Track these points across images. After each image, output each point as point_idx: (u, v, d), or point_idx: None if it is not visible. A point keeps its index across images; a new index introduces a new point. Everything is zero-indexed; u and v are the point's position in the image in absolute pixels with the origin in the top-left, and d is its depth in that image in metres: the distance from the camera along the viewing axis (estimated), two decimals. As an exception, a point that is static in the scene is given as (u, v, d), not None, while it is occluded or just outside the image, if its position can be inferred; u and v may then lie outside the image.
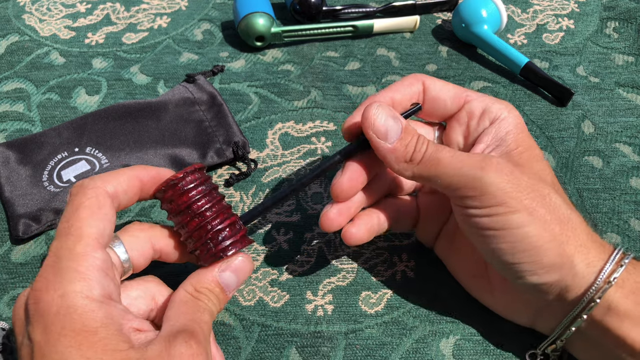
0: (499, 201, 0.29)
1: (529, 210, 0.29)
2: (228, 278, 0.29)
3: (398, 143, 0.30)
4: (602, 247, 0.30)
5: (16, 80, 0.50)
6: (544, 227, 0.29)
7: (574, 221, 0.30)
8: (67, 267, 0.25)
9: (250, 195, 0.42)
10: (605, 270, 0.29)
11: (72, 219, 0.26)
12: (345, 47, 0.54)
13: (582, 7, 0.58)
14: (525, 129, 0.33)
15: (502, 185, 0.29)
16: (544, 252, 0.29)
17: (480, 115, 0.33)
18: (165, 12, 0.57)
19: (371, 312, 0.36)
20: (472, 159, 0.30)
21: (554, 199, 0.30)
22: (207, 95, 0.47)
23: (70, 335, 0.24)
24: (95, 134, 0.44)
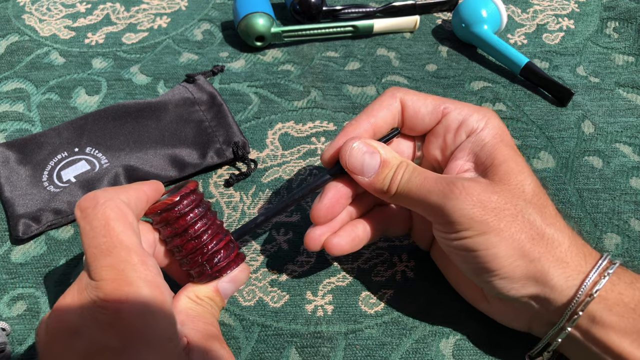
0: (466, 226, 0.29)
1: (496, 231, 0.29)
2: (227, 287, 0.31)
3: (375, 177, 0.31)
4: (584, 259, 0.30)
5: (16, 80, 0.50)
6: (513, 246, 0.29)
7: (550, 235, 0.29)
8: (136, 277, 0.25)
9: (250, 195, 0.42)
10: (587, 284, 0.29)
11: (109, 234, 0.26)
12: (345, 47, 0.54)
13: (582, 7, 0.58)
14: (505, 138, 0.32)
15: (465, 212, 0.29)
16: (515, 269, 0.29)
17: (456, 128, 0.33)
18: (165, 12, 0.57)
19: (371, 312, 0.36)
20: (438, 186, 0.30)
21: (527, 215, 0.29)
22: (207, 96, 0.47)
23: (147, 342, 0.25)
24: (95, 134, 0.44)
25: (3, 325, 0.34)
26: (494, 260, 0.29)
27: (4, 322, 0.34)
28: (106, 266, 0.25)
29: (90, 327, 0.25)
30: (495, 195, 0.29)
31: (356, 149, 0.32)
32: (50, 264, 0.38)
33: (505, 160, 0.31)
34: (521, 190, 0.30)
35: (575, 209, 0.41)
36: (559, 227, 0.30)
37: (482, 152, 0.31)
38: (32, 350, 0.34)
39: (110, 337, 0.24)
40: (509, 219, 0.29)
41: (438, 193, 0.30)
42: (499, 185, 0.30)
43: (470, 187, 0.29)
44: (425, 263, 0.38)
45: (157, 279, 0.26)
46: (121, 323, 0.24)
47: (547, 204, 0.31)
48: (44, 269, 0.38)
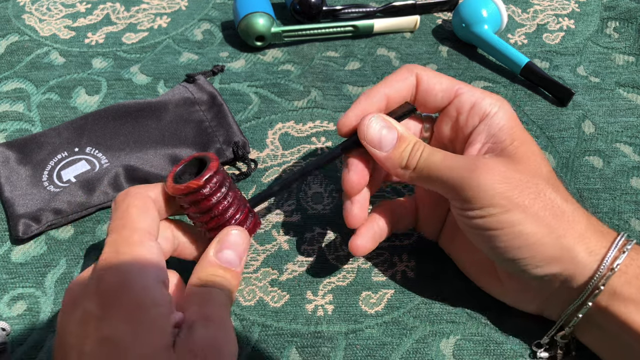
0: (491, 202, 0.29)
1: (522, 208, 0.29)
2: (227, 256, 0.30)
3: (393, 151, 0.32)
4: (603, 235, 0.30)
5: (16, 80, 0.50)
6: (539, 223, 0.29)
7: (570, 213, 0.30)
8: (126, 252, 0.27)
9: (250, 195, 0.42)
10: (608, 258, 0.29)
11: (125, 217, 0.29)
12: (345, 47, 0.54)
13: (582, 7, 0.58)
14: (518, 122, 0.33)
15: (492, 186, 0.29)
16: (542, 247, 0.29)
17: (469, 110, 0.33)
18: (165, 12, 0.57)
19: (371, 312, 0.36)
20: (463, 161, 0.30)
21: (548, 193, 0.30)
22: (207, 95, 0.47)
23: (125, 309, 0.25)
24: (95, 134, 0.44)
25: (3, 325, 0.34)
26: (520, 238, 0.29)
27: (4, 322, 0.34)
28: (109, 243, 0.28)
29: (84, 297, 0.27)
30: (518, 173, 0.30)
31: (374, 122, 0.32)
32: (50, 264, 0.38)
33: (524, 142, 0.32)
34: (540, 170, 0.31)
35: (575, 209, 0.41)
36: (576, 206, 0.31)
37: (500, 133, 0.32)
38: (32, 350, 0.34)
39: (94, 304, 0.26)
40: (533, 196, 0.29)
41: (462, 168, 0.30)
42: (520, 164, 0.31)
43: (495, 163, 0.30)
44: (425, 263, 0.38)
45: (148, 255, 0.27)
46: (101, 290, 0.26)
47: (561, 185, 0.32)
48: (44, 269, 0.38)
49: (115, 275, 0.26)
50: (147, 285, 0.26)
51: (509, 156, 0.31)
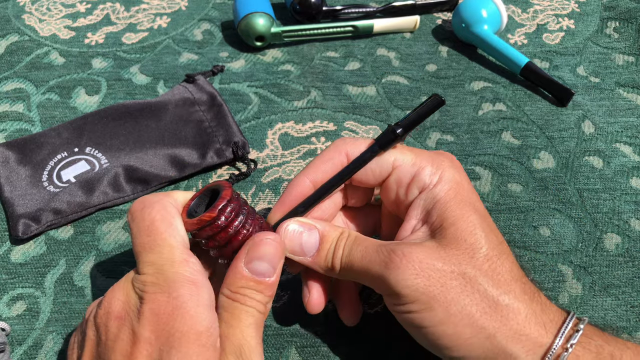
0: (410, 299, 0.27)
1: (444, 306, 0.27)
2: (258, 267, 0.28)
3: (316, 255, 0.30)
4: (544, 328, 0.27)
5: (16, 80, 0.50)
6: (465, 322, 0.27)
7: (506, 304, 0.27)
8: (174, 272, 0.26)
9: (250, 195, 0.42)
10: (549, 357, 0.26)
11: (153, 233, 0.27)
12: (345, 47, 0.54)
13: (582, 7, 0.58)
14: (459, 193, 0.29)
15: (408, 282, 0.27)
16: (471, 347, 0.27)
17: (408, 183, 0.30)
18: (165, 12, 0.57)
19: (371, 312, 0.36)
20: (380, 255, 0.28)
21: (478, 284, 0.27)
22: (207, 96, 0.47)
23: (177, 336, 0.25)
24: (95, 134, 0.44)
25: (3, 325, 0.34)
26: (445, 337, 0.27)
27: (3, 322, 0.34)
28: (149, 262, 0.27)
29: (132, 317, 0.26)
30: (440, 261, 0.27)
31: (291, 230, 0.30)
32: (50, 264, 0.38)
33: (455, 222, 0.28)
34: (471, 255, 0.28)
35: (575, 209, 0.41)
36: (516, 293, 0.27)
37: (433, 211, 0.29)
38: (31, 350, 0.34)
39: (146, 328, 0.25)
40: (457, 289, 0.27)
41: (379, 263, 0.28)
42: (447, 250, 0.28)
43: (412, 253, 0.27)
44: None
45: (195, 276, 0.27)
46: (156, 316, 0.25)
47: (503, 267, 0.28)
48: (44, 269, 0.38)
49: (169, 299, 0.25)
50: (199, 311, 0.26)
51: (439, 237, 0.28)
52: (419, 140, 0.46)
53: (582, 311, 0.36)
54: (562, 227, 0.40)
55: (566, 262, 0.38)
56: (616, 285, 0.37)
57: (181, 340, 0.25)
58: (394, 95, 0.50)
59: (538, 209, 0.41)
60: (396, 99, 0.49)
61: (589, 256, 0.39)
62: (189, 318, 0.25)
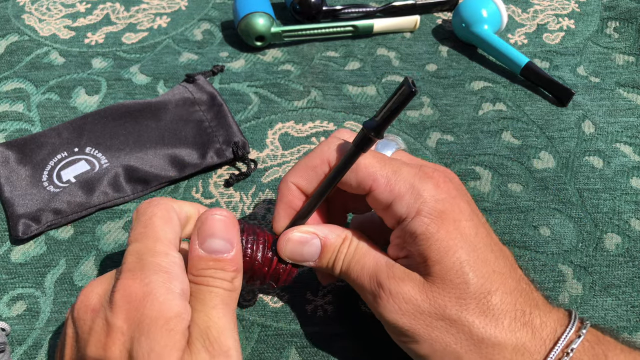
0: (396, 331, 0.28)
1: (428, 342, 0.27)
2: (212, 245, 0.28)
3: (318, 261, 0.31)
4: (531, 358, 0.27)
5: (16, 80, 0.50)
6: (449, 358, 0.27)
7: (490, 342, 0.27)
8: (151, 261, 0.27)
9: (250, 195, 0.42)
10: None
11: (148, 226, 0.28)
12: (345, 47, 0.54)
13: (582, 7, 0.58)
14: (440, 227, 0.27)
15: (394, 321, 0.28)
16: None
17: (385, 208, 0.29)
18: (165, 12, 0.57)
19: (371, 312, 0.36)
20: (371, 284, 0.29)
21: (462, 324, 0.27)
22: (207, 95, 0.47)
23: (147, 321, 0.25)
24: (95, 134, 0.44)
25: (3, 325, 0.34)
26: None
27: (3, 322, 0.34)
28: (132, 251, 0.27)
29: (106, 307, 0.26)
30: (426, 301, 0.27)
31: (292, 242, 0.30)
32: (50, 264, 0.38)
33: (439, 260, 0.27)
34: (458, 295, 0.27)
35: (575, 209, 0.41)
36: (504, 326, 0.27)
37: (413, 247, 0.28)
38: (31, 350, 0.34)
39: (118, 317, 0.25)
40: (442, 330, 0.27)
41: (370, 292, 0.29)
42: (433, 288, 0.27)
43: (399, 293, 0.28)
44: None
45: (170, 267, 0.27)
46: (127, 303, 0.25)
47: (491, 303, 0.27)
48: (44, 269, 0.38)
49: (140, 285, 0.26)
50: (169, 297, 0.26)
51: (425, 274, 0.28)
52: (419, 140, 0.46)
53: (582, 311, 0.36)
54: (562, 227, 0.40)
55: (566, 262, 0.38)
56: (616, 285, 0.37)
57: (150, 326, 0.25)
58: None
59: (538, 209, 0.41)
60: (396, 99, 0.49)
61: (589, 256, 0.39)
62: (158, 304, 0.25)
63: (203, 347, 0.26)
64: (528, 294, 0.29)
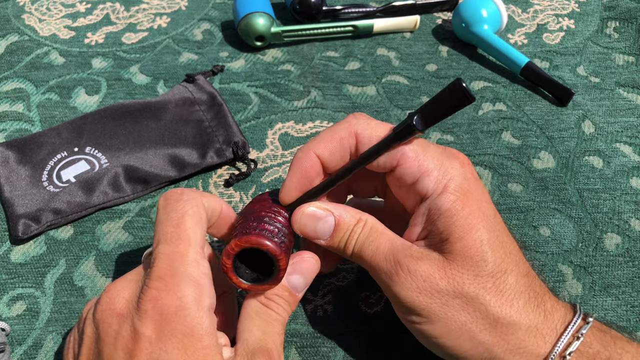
0: (411, 311, 0.28)
1: (444, 322, 0.27)
2: (296, 281, 0.29)
3: (330, 240, 0.30)
4: (543, 340, 0.27)
5: (16, 80, 0.50)
6: (464, 338, 0.27)
7: (507, 320, 0.27)
8: (183, 272, 0.26)
9: (250, 195, 0.42)
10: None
11: (180, 226, 0.27)
12: (345, 47, 0.54)
13: (582, 7, 0.58)
14: (465, 205, 0.28)
15: (411, 299, 0.28)
16: (469, 358, 0.28)
17: (411, 185, 0.29)
18: (165, 12, 0.57)
19: (371, 312, 0.36)
20: (387, 264, 0.28)
21: (480, 300, 0.27)
22: (207, 95, 0.47)
23: (179, 337, 0.25)
24: (95, 134, 0.44)
25: (3, 325, 0.34)
26: (444, 349, 0.28)
27: (3, 322, 0.34)
28: (163, 253, 0.26)
29: (134, 314, 0.26)
30: (444, 279, 0.27)
31: (307, 216, 0.30)
32: (50, 264, 0.38)
33: (462, 237, 0.27)
34: (476, 273, 0.27)
35: (575, 209, 0.41)
36: (518, 307, 0.28)
37: (438, 222, 0.28)
38: (31, 350, 0.34)
39: (148, 326, 0.25)
40: (458, 308, 0.27)
41: (386, 272, 0.28)
42: (452, 265, 0.27)
43: (417, 270, 0.28)
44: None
45: (202, 279, 0.27)
46: (158, 315, 0.25)
47: (507, 283, 0.28)
48: (44, 269, 0.38)
49: (173, 299, 0.25)
50: (200, 314, 0.26)
51: (446, 250, 0.28)
52: (419, 140, 0.46)
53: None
54: (562, 227, 0.40)
55: (566, 262, 0.38)
56: (616, 285, 0.37)
57: (184, 341, 0.25)
58: (394, 95, 0.50)
59: (538, 208, 0.41)
60: (396, 98, 0.49)
61: (589, 256, 0.39)
62: (190, 320, 0.25)
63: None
64: (538, 279, 0.30)
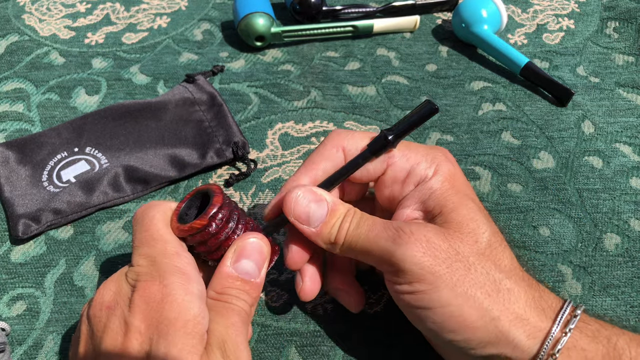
0: (417, 277, 0.27)
1: (450, 286, 0.27)
2: (245, 266, 0.29)
3: (322, 227, 0.29)
4: (544, 312, 0.28)
5: (16, 80, 0.50)
6: (470, 304, 0.27)
7: (507, 289, 0.27)
8: (166, 263, 0.27)
9: (250, 195, 0.42)
10: (549, 342, 0.27)
11: (151, 229, 0.28)
12: (345, 47, 0.54)
13: (582, 7, 0.58)
14: (455, 184, 0.30)
15: (417, 260, 0.27)
16: (475, 330, 0.27)
17: (404, 178, 0.31)
18: (165, 12, 0.57)
19: (371, 311, 0.36)
20: (387, 231, 0.28)
21: (481, 267, 0.27)
22: (207, 96, 0.47)
23: (165, 322, 0.25)
24: (95, 134, 0.44)
25: (3, 325, 0.34)
26: (451, 320, 0.27)
27: (3, 322, 0.34)
28: (143, 254, 0.28)
29: (123, 307, 0.27)
30: (446, 242, 0.27)
31: (302, 197, 0.29)
32: (50, 264, 0.38)
33: (455, 208, 0.29)
34: (474, 239, 0.28)
35: (575, 209, 0.41)
36: (515, 279, 0.28)
37: (430, 200, 0.29)
38: (31, 350, 0.34)
39: (136, 317, 0.26)
40: (462, 271, 0.27)
41: (387, 238, 0.28)
42: (450, 233, 0.28)
43: (420, 231, 0.28)
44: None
45: (186, 268, 0.27)
46: (146, 304, 0.26)
47: (503, 255, 0.29)
48: (44, 269, 0.38)
49: (159, 287, 0.26)
50: (188, 299, 0.26)
51: (440, 223, 0.29)
52: (419, 140, 0.46)
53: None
54: (561, 227, 0.40)
55: (566, 262, 0.38)
56: (616, 285, 0.37)
57: (169, 327, 0.25)
58: (394, 95, 0.50)
59: (538, 209, 0.41)
60: (396, 98, 0.49)
61: (588, 256, 0.39)
62: (177, 306, 0.26)
63: (221, 357, 0.26)
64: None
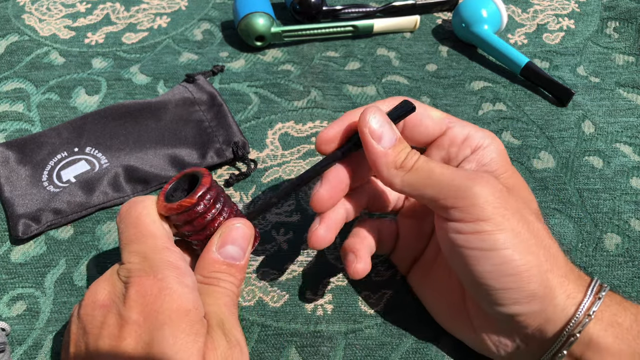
0: (486, 215, 0.27)
1: (515, 231, 0.27)
2: (230, 251, 0.30)
3: (391, 149, 0.29)
4: (579, 279, 0.29)
5: (16, 80, 0.50)
6: (530, 252, 0.27)
7: (555, 250, 0.29)
8: (158, 258, 0.28)
9: (250, 195, 0.42)
10: (585, 303, 0.28)
11: (138, 226, 0.29)
12: (345, 47, 0.54)
13: (582, 7, 0.58)
14: (507, 158, 0.33)
15: (490, 199, 0.28)
16: (529, 279, 0.27)
17: (462, 142, 0.32)
18: (165, 12, 0.57)
19: (371, 312, 0.36)
20: (464, 171, 0.29)
21: (537, 227, 0.29)
22: (207, 95, 0.47)
23: (166, 313, 0.26)
24: (95, 134, 0.44)
25: (3, 325, 0.34)
26: (510, 263, 0.27)
27: (3, 322, 0.34)
28: (134, 251, 0.28)
29: (119, 303, 0.27)
30: (512, 198, 0.29)
31: (378, 115, 0.30)
32: (50, 264, 0.38)
33: (512, 175, 0.32)
34: (528, 204, 0.30)
35: (575, 209, 0.41)
36: (558, 249, 0.30)
37: (490, 164, 0.32)
38: (31, 350, 0.34)
39: (134, 312, 0.26)
40: (523, 223, 0.28)
41: (460, 176, 0.28)
42: (513, 192, 0.30)
43: (494, 181, 0.29)
44: (425, 263, 0.38)
45: (178, 262, 0.28)
46: (142, 297, 0.26)
47: (545, 227, 0.30)
48: (44, 269, 0.38)
49: (154, 281, 0.27)
50: (185, 291, 0.27)
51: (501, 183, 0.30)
52: (419, 140, 0.46)
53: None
54: (562, 227, 0.40)
55: (566, 262, 0.38)
56: (616, 285, 0.37)
57: (171, 317, 0.26)
58: (394, 95, 0.50)
59: (538, 209, 0.41)
60: (396, 98, 0.49)
61: (589, 256, 0.39)
62: (177, 297, 0.27)
63: (223, 336, 0.27)
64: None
